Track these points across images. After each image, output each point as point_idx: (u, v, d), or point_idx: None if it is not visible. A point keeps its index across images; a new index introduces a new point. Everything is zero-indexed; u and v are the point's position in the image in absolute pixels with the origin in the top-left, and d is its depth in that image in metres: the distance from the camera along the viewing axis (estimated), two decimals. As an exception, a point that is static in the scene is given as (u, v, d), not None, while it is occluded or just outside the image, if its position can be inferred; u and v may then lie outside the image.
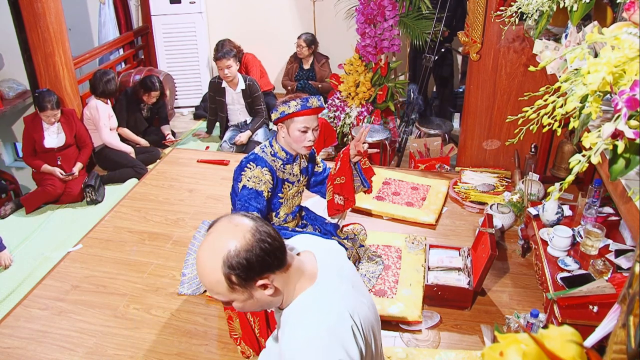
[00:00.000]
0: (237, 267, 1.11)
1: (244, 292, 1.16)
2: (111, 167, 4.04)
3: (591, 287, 1.95)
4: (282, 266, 1.19)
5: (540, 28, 2.08)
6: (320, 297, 1.21)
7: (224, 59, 4.15)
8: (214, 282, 1.15)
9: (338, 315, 1.17)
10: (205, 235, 1.18)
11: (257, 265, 1.13)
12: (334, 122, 4.31)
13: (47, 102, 3.62)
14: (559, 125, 1.21)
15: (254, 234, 1.14)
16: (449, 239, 2.98)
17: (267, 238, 1.15)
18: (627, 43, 1.02)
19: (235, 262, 1.11)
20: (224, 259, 1.12)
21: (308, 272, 1.25)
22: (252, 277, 1.14)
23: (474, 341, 2.29)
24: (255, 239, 1.13)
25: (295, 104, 2.15)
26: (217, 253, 1.13)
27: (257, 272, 1.14)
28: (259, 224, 1.17)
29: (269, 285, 1.16)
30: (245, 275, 1.13)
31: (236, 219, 1.17)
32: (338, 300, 1.21)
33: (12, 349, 2.31)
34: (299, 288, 1.23)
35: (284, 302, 1.24)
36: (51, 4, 3.76)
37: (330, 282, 1.25)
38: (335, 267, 1.30)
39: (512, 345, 0.80)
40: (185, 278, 2.69)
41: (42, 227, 3.42)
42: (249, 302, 1.19)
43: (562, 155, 3.09)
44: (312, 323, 1.17)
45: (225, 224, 1.17)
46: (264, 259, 1.14)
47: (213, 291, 1.18)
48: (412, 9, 4.23)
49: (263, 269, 1.15)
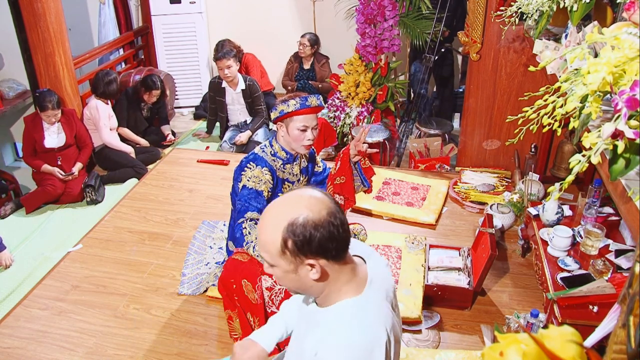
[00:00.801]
0: (297, 235, 1.10)
1: (291, 262, 1.14)
2: (111, 167, 4.04)
3: (591, 287, 1.95)
4: (339, 259, 1.17)
5: (540, 28, 2.08)
6: (364, 313, 1.18)
7: (224, 59, 4.15)
8: (269, 239, 1.14)
9: (375, 336, 1.15)
10: (288, 192, 1.19)
11: (317, 244, 1.11)
12: (334, 122, 4.31)
13: (47, 102, 3.62)
14: (559, 125, 1.21)
15: (329, 215, 1.13)
16: (449, 239, 2.98)
17: (339, 226, 1.14)
18: (627, 43, 1.02)
19: (299, 231, 1.10)
20: (290, 222, 1.11)
21: (358, 280, 1.22)
22: (306, 253, 1.12)
23: (474, 341, 2.29)
24: (328, 220, 1.12)
25: (294, 103, 2.16)
26: (287, 214, 1.12)
27: (313, 251, 1.12)
28: (339, 211, 1.16)
29: (316, 267, 1.14)
30: (301, 247, 1.11)
31: (322, 195, 1.17)
32: (379, 320, 1.18)
33: (12, 349, 2.31)
34: (345, 292, 1.20)
35: (323, 296, 1.21)
36: (51, 4, 3.75)
37: (375, 300, 1.21)
38: (384, 285, 1.27)
39: (512, 345, 0.80)
40: (185, 278, 2.69)
41: (42, 227, 3.42)
42: (290, 277, 1.17)
43: (562, 155, 3.09)
44: (350, 339, 1.14)
45: (311, 193, 1.17)
46: (325, 242, 1.12)
47: (263, 248, 1.16)
48: (412, 9, 4.22)
49: (319, 251, 1.12)
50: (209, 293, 2.57)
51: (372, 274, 1.25)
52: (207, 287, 2.61)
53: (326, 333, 1.17)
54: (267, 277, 2.12)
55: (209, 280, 2.63)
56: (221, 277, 2.16)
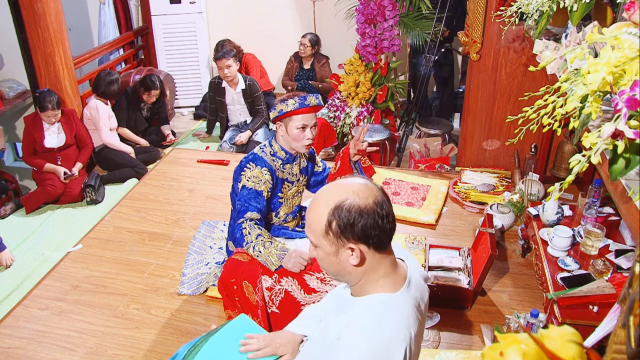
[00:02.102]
0: (342, 219, 1.13)
1: (333, 244, 1.17)
2: (111, 167, 4.04)
3: (591, 287, 1.95)
4: (380, 249, 1.18)
5: (540, 28, 2.08)
6: (394, 312, 1.19)
7: (224, 58, 4.15)
8: (315, 220, 1.17)
9: (398, 338, 1.15)
10: (341, 179, 1.22)
11: (359, 230, 1.14)
12: (334, 122, 4.31)
13: (47, 102, 3.62)
14: (559, 125, 1.21)
15: (376, 204, 1.14)
16: (449, 239, 2.98)
17: (384, 216, 1.15)
18: (627, 43, 1.02)
19: (344, 214, 1.13)
20: (337, 205, 1.14)
21: (396, 277, 1.23)
22: (348, 236, 1.15)
23: (474, 341, 2.29)
24: (374, 209, 1.14)
25: (293, 102, 2.16)
26: (335, 197, 1.15)
27: (354, 236, 1.14)
28: (386, 202, 1.17)
29: (356, 251, 1.16)
30: (343, 230, 1.14)
31: (372, 185, 1.19)
32: (407, 323, 1.18)
33: (12, 349, 2.31)
34: (381, 286, 1.21)
35: (359, 285, 1.23)
36: (51, 4, 3.75)
37: (408, 302, 1.22)
38: (419, 291, 1.27)
39: (512, 345, 0.80)
40: (185, 278, 2.69)
41: (42, 227, 3.42)
42: (331, 259, 1.19)
43: (562, 155, 3.09)
44: (374, 333, 1.15)
45: (361, 181, 1.19)
46: (368, 229, 1.14)
47: (309, 228, 1.21)
48: (412, 9, 4.23)
49: (361, 237, 1.15)
50: (209, 293, 2.57)
51: (410, 276, 1.25)
52: (207, 287, 2.61)
53: (353, 321, 1.18)
54: (267, 277, 2.12)
55: (209, 280, 2.63)
56: (221, 277, 2.16)
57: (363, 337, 1.14)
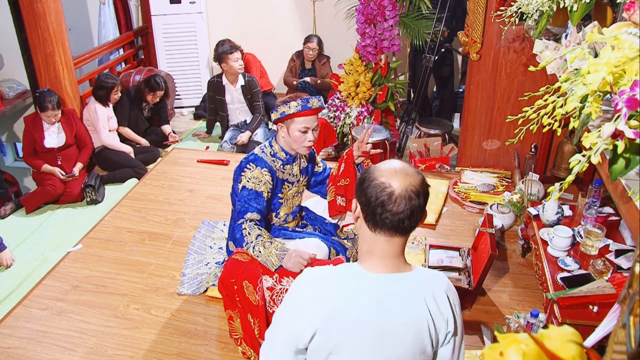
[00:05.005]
0: (361, 179, 1.25)
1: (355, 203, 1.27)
2: (111, 168, 4.04)
3: (591, 287, 1.95)
4: (373, 227, 1.22)
5: (540, 28, 2.08)
6: (344, 280, 1.23)
7: (236, 52, 4.28)
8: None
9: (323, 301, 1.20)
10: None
11: (363, 193, 1.21)
12: (334, 122, 4.31)
13: (48, 102, 3.62)
14: (559, 125, 1.21)
15: (389, 192, 1.18)
16: (449, 239, 2.98)
17: (384, 205, 1.18)
18: (627, 43, 1.02)
19: (365, 175, 1.24)
20: (377, 166, 1.25)
21: (385, 265, 1.24)
22: (356, 191, 1.27)
23: (474, 341, 2.29)
24: (381, 191, 1.18)
25: (296, 105, 2.15)
26: (380, 168, 1.23)
27: (361, 195, 1.23)
28: (405, 200, 1.19)
29: (357, 210, 1.26)
30: (358, 186, 1.26)
31: (414, 183, 1.21)
32: (342, 301, 1.19)
33: (12, 349, 2.31)
34: (364, 259, 1.26)
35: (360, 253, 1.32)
36: (51, 4, 3.75)
37: (371, 289, 1.21)
38: (396, 304, 1.20)
39: (512, 345, 0.80)
40: (185, 278, 2.69)
41: (42, 227, 3.42)
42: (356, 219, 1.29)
43: (562, 155, 3.09)
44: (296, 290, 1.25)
45: (413, 173, 1.24)
46: (367, 200, 1.20)
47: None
48: (412, 9, 4.22)
49: (363, 201, 1.22)
50: (209, 293, 2.57)
51: (405, 278, 1.24)
52: (207, 287, 2.61)
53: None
54: (267, 277, 2.12)
55: (209, 280, 2.63)
56: (221, 277, 2.16)
57: (297, 282, 1.26)
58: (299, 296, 1.24)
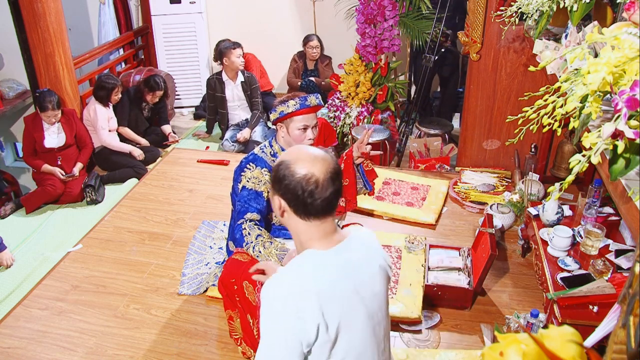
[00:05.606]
0: (276, 171, 1.29)
1: (273, 195, 1.32)
2: (111, 168, 4.04)
3: (591, 287, 1.95)
4: (305, 216, 1.28)
5: (540, 28, 2.08)
6: (312, 267, 1.27)
7: (239, 47, 4.35)
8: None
9: (307, 288, 1.22)
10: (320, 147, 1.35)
11: (284, 187, 1.26)
12: (334, 122, 4.31)
13: (48, 102, 3.62)
14: (559, 125, 1.21)
15: (308, 178, 1.23)
16: (449, 239, 2.98)
17: (310, 192, 1.24)
18: (627, 43, 1.02)
19: (279, 168, 1.27)
20: (283, 160, 1.28)
21: (332, 241, 1.31)
22: (275, 188, 1.30)
23: (474, 341, 2.29)
24: (305, 178, 1.23)
25: (294, 103, 2.16)
26: (291, 154, 1.29)
27: (280, 190, 1.28)
28: (326, 182, 1.25)
29: (281, 205, 1.30)
30: (273, 181, 1.30)
31: (327, 166, 1.26)
32: (319, 282, 1.24)
33: (12, 349, 2.31)
34: (309, 245, 1.31)
35: (296, 245, 1.37)
36: (51, 4, 3.75)
37: (336, 260, 1.29)
38: (355, 264, 1.32)
39: (512, 345, 0.80)
40: (185, 278, 2.69)
41: (42, 227, 3.41)
42: (282, 213, 1.32)
43: (562, 155, 3.09)
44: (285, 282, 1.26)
45: (323, 156, 1.29)
46: (290, 191, 1.25)
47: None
48: (412, 9, 4.22)
49: (285, 194, 1.27)
50: (209, 293, 2.57)
51: (350, 241, 1.34)
52: (207, 287, 2.61)
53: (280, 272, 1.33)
54: (267, 277, 2.12)
55: (209, 280, 2.63)
56: (221, 277, 2.16)
57: (273, 280, 1.27)
58: (286, 300, 1.23)
